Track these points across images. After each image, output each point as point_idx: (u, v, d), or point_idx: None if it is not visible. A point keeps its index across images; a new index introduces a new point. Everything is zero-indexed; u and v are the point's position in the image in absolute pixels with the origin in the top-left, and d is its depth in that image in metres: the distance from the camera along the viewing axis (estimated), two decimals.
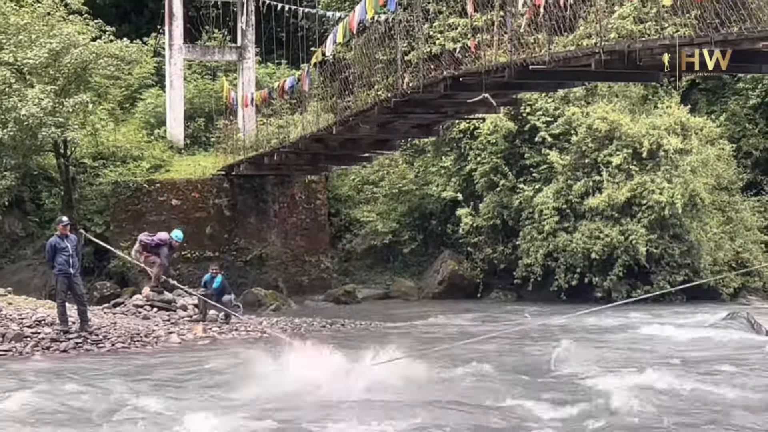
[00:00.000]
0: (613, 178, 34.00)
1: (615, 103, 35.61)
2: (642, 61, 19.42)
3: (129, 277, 34.95)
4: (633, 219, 33.47)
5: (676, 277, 33.51)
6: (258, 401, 13.97)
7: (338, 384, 14.71)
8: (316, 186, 38.69)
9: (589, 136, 34.55)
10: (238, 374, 16.23)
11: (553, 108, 36.19)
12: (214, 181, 37.03)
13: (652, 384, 15.17)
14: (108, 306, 26.38)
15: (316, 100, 34.54)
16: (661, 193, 32.97)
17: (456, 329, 25.38)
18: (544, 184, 35.60)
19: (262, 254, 36.83)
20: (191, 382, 15.81)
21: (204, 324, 23.98)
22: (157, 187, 36.26)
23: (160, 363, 18.40)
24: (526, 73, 22.02)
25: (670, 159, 33.70)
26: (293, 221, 37.82)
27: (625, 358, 18.66)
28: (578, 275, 33.98)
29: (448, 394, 14.62)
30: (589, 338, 22.90)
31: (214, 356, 19.22)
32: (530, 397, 14.25)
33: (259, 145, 36.61)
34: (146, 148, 38.12)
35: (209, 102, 41.31)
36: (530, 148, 36.37)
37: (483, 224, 36.78)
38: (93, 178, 36.63)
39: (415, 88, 25.12)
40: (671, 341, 22.02)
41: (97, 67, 34.76)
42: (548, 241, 34.63)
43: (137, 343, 21.19)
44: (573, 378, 16.07)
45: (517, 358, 18.61)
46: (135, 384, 15.47)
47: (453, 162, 38.69)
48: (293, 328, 24.75)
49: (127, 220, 35.50)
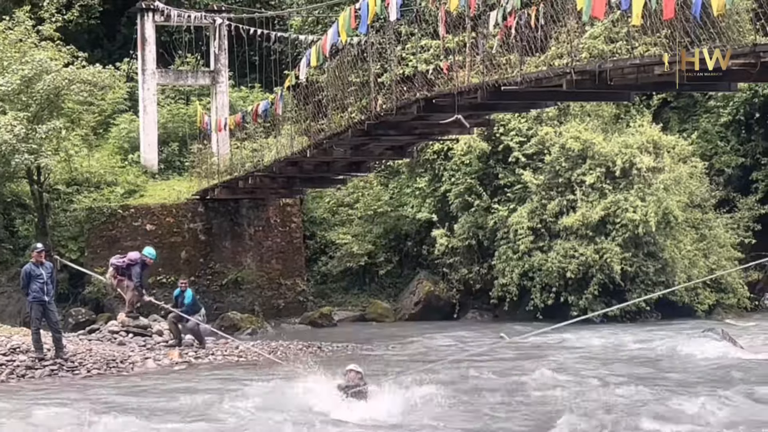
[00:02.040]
0: (587, 197, 34.12)
1: (587, 123, 35.76)
2: (613, 80, 19.57)
3: (104, 303, 34.79)
4: (607, 237, 33.58)
5: (651, 293, 33.60)
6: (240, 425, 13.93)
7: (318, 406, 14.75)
8: (291, 209, 38.65)
9: (562, 156, 34.68)
10: (216, 399, 16.20)
11: (526, 128, 36.29)
12: (188, 205, 36.95)
13: (627, 400, 15.22)
14: (83, 332, 26.29)
15: (290, 124, 34.54)
16: (634, 211, 33.10)
17: (433, 350, 25.39)
18: (519, 204, 35.66)
19: (238, 278, 36.74)
20: (168, 408, 15.73)
21: (180, 349, 23.90)
22: (131, 212, 36.17)
23: (136, 389, 18.31)
24: (498, 93, 22.14)
25: (643, 177, 33.86)
26: (269, 244, 37.75)
27: (600, 375, 18.70)
28: (554, 294, 34.03)
29: (423, 416, 14.61)
30: (565, 356, 22.96)
31: (191, 381, 19.16)
32: (505, 416, 14.26)
33: (233, 168, 36.57)
34: (120, 174, 38.00)
35: (183, 126, 41.22)
36: (504, 168, 36.45)
37: (458, 245, 36.79)
38: (67, 204, 36.46)
39: (389, 110, 25.21)
40: (647, 357, 22.11)
41: (69, 93, 34.69)
42: (523, 260, 34.68)
43: (113, 369, 21.13)
44: (549, 397, 16.09)
45: (492, 377, 18.60)
46: (111, 410, 15.38)
47: (427, 183, 38.73)
48: (270, 352, 24.69)
49: (101, 246, 35.36)
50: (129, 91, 42.04)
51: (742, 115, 38.72)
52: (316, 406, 15.02)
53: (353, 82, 33.33)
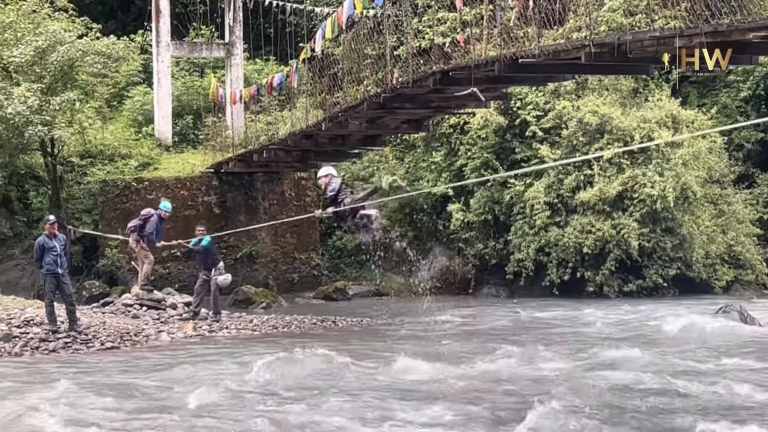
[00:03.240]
0: (605, 171, 34.05)
1: (605, 97, 35.64)
2: (632, 53, 19.49)
3: (118, 276, 34.89)
4: (625, 213, 33.52)
5: (669, 270, 33.62)
6: (251, 399, 13.96)
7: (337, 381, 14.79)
8: (306, 183, 38.65)
9: (579, 130, 34.59)
10: (229, 371, 16.25)
11: (543, 102, 36.20)
12: (203, 178, 37.00)
13: (645, 379, 15.18)
14: (97, 305, 26.40)
15: (305, 97, 34.51)
16: (652, 186, 33.02)
17: (448, 325, 25.41)
18: (535, 179, 35.60)
19: (252, 252, 36.80)
20: (181, 381, 15.77)
21: (194, 322, 23.98)
22: (145, 185, 36.22)
23: (149, 362, 18.38)
24: (515, 66, 22.07)
25: (662, 152, 33.76)
26: (283, 219, 37.74)
27: (616, 352, 18.66)
28: (570, 270, 34.02)
29: (442, 390, 14.64)
30: (580, 332, 22.95)
31: (204, 354, 19.22)
32: (523, 392, 14.25)
33: (247, 142, 36.58)
34: (134, 146, 38.05)
35: (197, 99, 41.20)
36: (521, 142, 36.38)
37: (474, 219, 36.78)
38: (81, 176, 36.55)
39: (405, 83, 25.14)
40: (664, 335, 22.06)
41: (83, 65, 34.68)
42: (540, 235, 34.66)
43: (127, 342, 21.20)
44: (566, 373, 16.07)
45: (507, 354, 18.58)
46: (126, 383, 15.44)
47: (443, 157, 38.66)
48: (284, 326, 24.77)
49: (115, 219, 35.41)
50: (143, 64, 42.02)
51: (763, 90, 38.55)
52: (330, 379, 15.05)
53: (369, 54, 33.24)
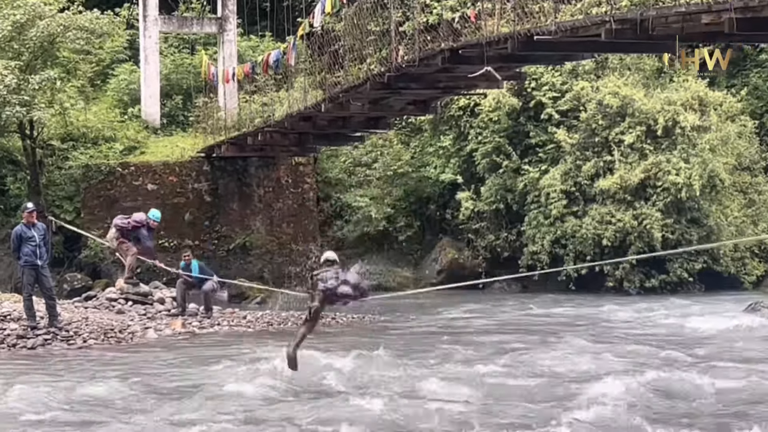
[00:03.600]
0: (626, 158, 33.99)
1: (627, 77, 35.58)
2: (656, 30, 19.39)
3: (102, 268, 34.92)
4: (647, 202, 33.48)
5: (694, 264, 33.59)
6: (240, 401, 13.94)
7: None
8: (304, 168, 38.62)
9: (599, 113, 34.53)
10: (219, 371, 16.23)
11: (560, 82, 36.15)
12: (193, 163, 36.96)
13: (670, 381, 15.13)
14: (79, 299, 26.31)
15: (303, 76, 34.47)
16: (677, 173, 32.96)
17: (457, 323, 25.39)
18: (551, 165, 35.58)
19: (246, 243, 36.78)
20: (168, 382, 15.75)
21: (183, 318, 23.93)
22: (131, 170, 36.19)
23: (135, 361, 18.35)
24: (530, 44, 21.98)
25: (687, 137, 33.69)
26: (279, 207, 37.76)
27: (640, 353, 18.62)
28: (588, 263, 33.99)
29: (447, 391, 14.62)
30: (601, 331, 22.90)
31: (194, 353, 19.19)
32: (540, 395, 14.22)
33: (241, 124, 36.55)
34: (119, 129, 38.02)
35: (187, 78, 41.16)
36: (536, 126, 36.35)
37: (485, 209, 36.76)
38: (62, 161, 36.54)
39: (411, 61, 25.08)
40: (690, 334, 22.01)
41: (65, 41, 34.65)
42: (555, 226, 34.64)
43: (111, 339, 21.14)
44: (586, 375, 16.03)
45: (520, 353, 18.55)
46: (108, 383, 15.41)
47: (452, 142, 38.63)
48: (280, 323, 24.74)
49: (99, 207, 35.42)
50: (129, 40, 42.00)
51: None
52: (325, 379, 15.01)
53: (372, 30, 33.16)
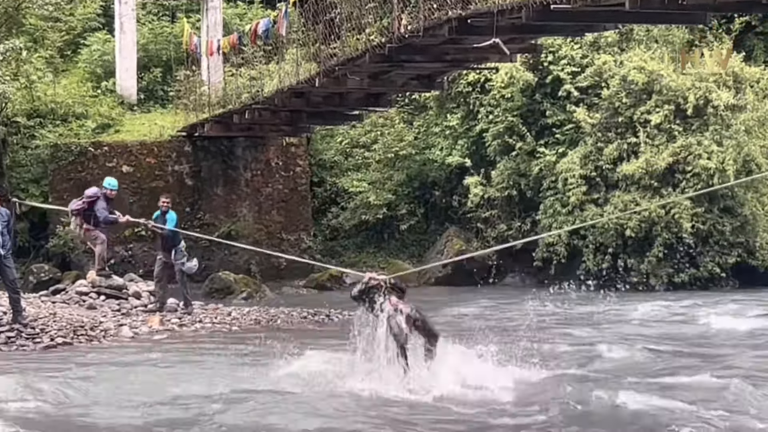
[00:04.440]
0: (652, 140, 34.01)
1: (654, 50, 35.58)
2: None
3: (71, 258, 34.95)
4: (676, 189, 33.50)
5: (728, 258, 33.62)
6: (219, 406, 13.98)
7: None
8: (296, 150, 38.63)
9: (623, 90, 34.55)
10: (199, 375, 16.27)
11: (579, 56, 36.17)
12: (173, 143, 36.98)
13: (703, 387, 15.18)
14: (46, 293, 26.36)
15: (296, 47, 34.42)
16: (709, 158, 32.98)
17: (463, 320, 25.42)
18: (569, 148, 35.61)
19: (232, 231, 36.79)
20: (143, 386, 15.77)
21: (161, 314, 23.99)
22: (104, 150, 36.20)
23: (107, 361, 18.38)
24: (547, 13, 21.96)
25: (721, 117, 33.70)
26: (268, 192, 37.80)
27: (669, 355, 18.68)
28: (610, 256, 34.04)
29: None
30: (618, 331, 22.95)
31: (173, 354, 19.23)
32: (560, 398, 14.27)
33: (227, 100, 36.51)
34: (92, 104, 38.02)
35: (167, 49, 41.17)
36: (552, 104, 36.36)
37: (496, 195, 36.81)
38: (28, 140, 36.54)
39: (415, 31, 25.06)
40: (720, 335, 22.05)
41: (31, 6, 34.69)
42: (574, 215, 34.67)
43: (81, 337, 21.18)
44: (612, 377, 16.08)
45: (532, 352, 18.61)
46: (75, 387, 15.43)
47: (460, 121, 38.65)
48: (268, 320, 24.78)
49: (68, 190, 35.37)
50: (103, 6, 42.02)
51: None
52: (318, 386, 15.03)
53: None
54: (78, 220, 24.86)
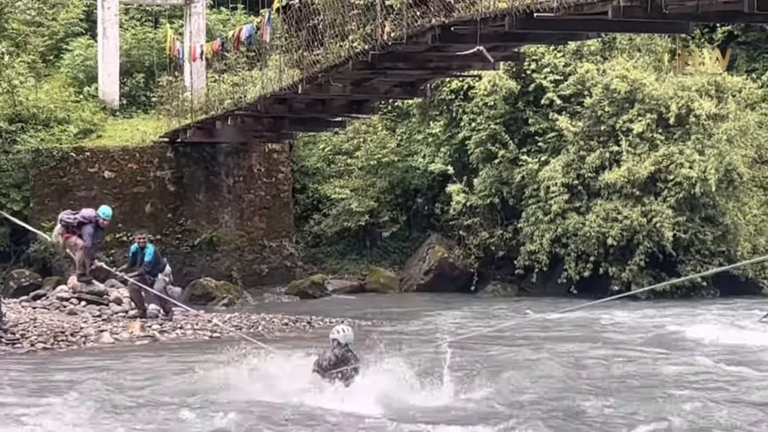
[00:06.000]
0: (634, 148, 34.05)
1: (637, 59, 35.64)
2: (668, 8, 19.44)
3: (52, 264, 34.84)
4: (657, 198, 33.56)
5: (708, 267, 33.61)
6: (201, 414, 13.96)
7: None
8: (279, 156, 38.59)
9: (605, 99, 34.59)
10: (179, 383, 16.24)
11: (562, 64, 36.20)
12: (155, 149, 36.90)
13: (682, 396, 15.20)
14: (27, 299, 26.32)
15: (279, 53, 34.44)
16: (691, 166, 33.04)
17: (444, 328, 25.41)
18: (552, 156, 35.63)
19: (213, 238, 36.75)
20: (123, 393, 15.74)
21: (142, 321, 23.94)
22: (86, 156, 36.10)
23: (87, 368, 18.34)
24: (530, 21, 21.99)
25: (702, 126, 33.76)
26: (251, 198, 37.75)
27: (647, 363, 18.70)
28: (592, 264, 34.06)
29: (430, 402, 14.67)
30: (600, 338, 22.97)
31: (153, 360, 19.19)
32: (534, 411, 14.27)
33: (210, 106, 36.50)
34: (74, 110, 37.93)
35: (150, 54, 41.11)
36: (535, 112, 36.39)
37: (478, 203, 36.80)
38: (9, 144, 36.43)
39: (398, 38, 25.09)
40: (701, 344, 22.09)
41: (14, 11, 34.63)
42: (556, 223, 34.69)
43: (62, 342, 21.18)
44: (588, 389, 16.10)
45: (513, 361, 18.62)
46: (54, 394, 15.40)
47: (443, 128, 38.64)
48: (250, 327, 24.75)
49: (50, 196, 35.35)
50: (86, 11, 41.91)
51: None
52: (298, 395, 14.98)
53: (356, 4, 33.18)
54: (61, 228, 24.86)
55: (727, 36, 39.76)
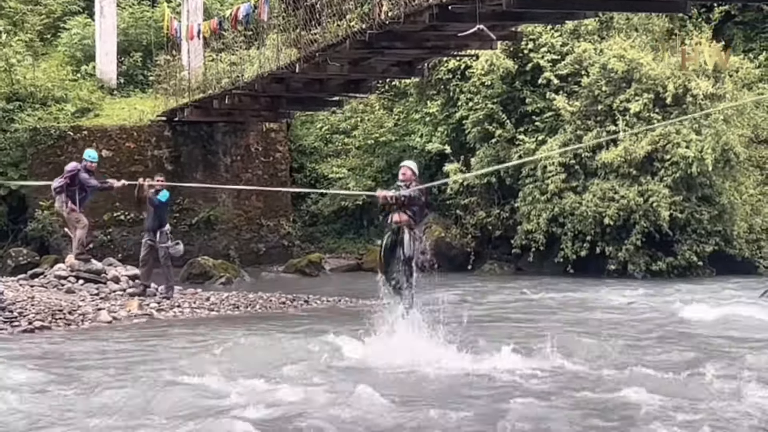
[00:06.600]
0: (631, 128, 34.01)
1: (634, 39, 35.59)
2: None
3: (50, 242, 34.86)
4: (654, 177, 33.54)
5: (705, 246, 33.67)
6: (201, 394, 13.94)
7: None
8: (276, 135, 38.57)
9: (602, 78, 34.55)
10: (178, 360, 16.22)
11: (560, 44, 36.15)
12: (152, 128, 36.89)
13: (677, 376, 15.18)
14: (25, 277, 26.27)
15: (276, 32, 34.35)
16: (687, 146, 33.01)
17: (441, 308, 25.39)
18: (549, 135, 35.61)
19: (211, 217, 36.77)
20: (120, 372, 15.72)
21: (140, 299, 23.91)
22: (84, 134, 36.08)
23: (85, 346, 18.32)
24: (527, 0, 21.95)
25: (699, 106, 33.71)
26: (248, 177, 37.73)
27: (644, 343, 18.69)
28: (588, 244, 34.07)
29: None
30: (596, 318, 22.96)
31: (151, 338, 19.18)
32: (523, 393, 14.25)
33: (207, 85, 36.44)
34: (71, 88, 37.91)
35: (147, 33, 41.05)
36: (532, 91, 36.36)
37: (475, 182, 36.79)
38: (7, 123, 36.42)
39: (395, 17, 24.99)
40: (696, 323, 22.07)
41: None
42: (553, 203, 34.69)
43: (59, 321, 21.12)
44: (579, 369, 16.07)
45: (505, 342, 18.59)
46: (52, 373, 15.37)
47: (440, 108, 38.62)
48: (247, 305, 24.75)
49: (47, 174, 35.07)
50: None
51: None
52: (299, 371, 15.02)
53: None
54: (62, 198, 24.83)
55: (725, 16, 39.68)
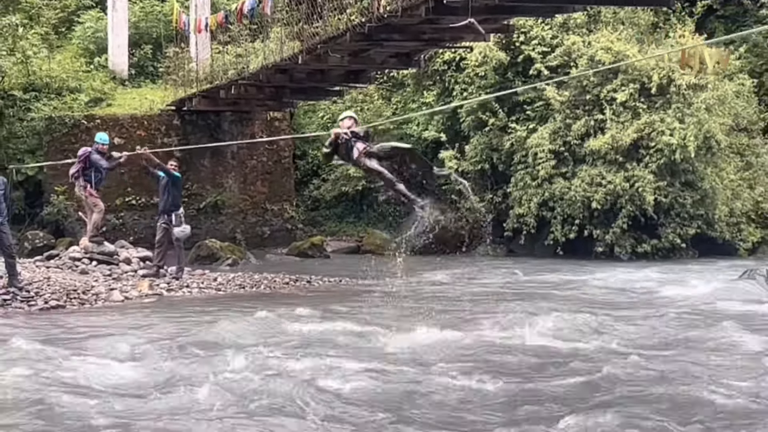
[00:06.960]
0: (618, 116, 34.05)
1: (621, 32, 35.58)
2: None
3: (65, 226, 34.86)
4: (639, 164, 33.56)
5: (688, 229, 33.71)
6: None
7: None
8: (280, 124, 38.56)
9: (590, 69, 34.54)
10: (188, 336, 16.26)
11: (550, 36, 36.14)
12: (162, 117, 36.88)
13: (657, 354, 15.22)
14: (41, 258, 26.31)
15: (280, 26, 34.32)
16: (671, 134, 33.03)
17: (436, 287, 25.47)
18: (539, 124, 35.62)
19: (218, 201, 36.78)
20: (133, 347, 15.75)
21: (150, 280, 23.94)
22: (97, 123, 36.05)
23: (98, 323, 18.35)
24: None
25: (683, 96, 33.74)
26: (253, 164, 37.75)
27: (629, 322, 18.71)
28: (577, 227, 34.12)
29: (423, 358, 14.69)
30: (582, 297, 22.98)
31: (163, 317, 19.22)
32: (516, 370, 14.27)
33: (214, 76, 36.41)
34: (85, 79, 37.90)
35: (157, 27, 41.00)
36: (524, 82, 36.33)
37: (469, 169, 36.80)
38: (24, 112, 36.39)
39: (393, 11, 24.98)
40: (678, 302, 22.10)
41: None
42: (543, 188, 34.74)
43: (74, 300, 21.15)
44: (567, 347, 16.11)
45: (494, 319, 18.61)
46: (69, 349, 15.41)
47: (436, 98, 38.62)
48: (252, 285, 24.80)
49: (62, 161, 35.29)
50: None
51: None
52: (302, 347, 15.06)
53: None
54: (81, 181, 24.87)
55: (707, 10, 39.69)
